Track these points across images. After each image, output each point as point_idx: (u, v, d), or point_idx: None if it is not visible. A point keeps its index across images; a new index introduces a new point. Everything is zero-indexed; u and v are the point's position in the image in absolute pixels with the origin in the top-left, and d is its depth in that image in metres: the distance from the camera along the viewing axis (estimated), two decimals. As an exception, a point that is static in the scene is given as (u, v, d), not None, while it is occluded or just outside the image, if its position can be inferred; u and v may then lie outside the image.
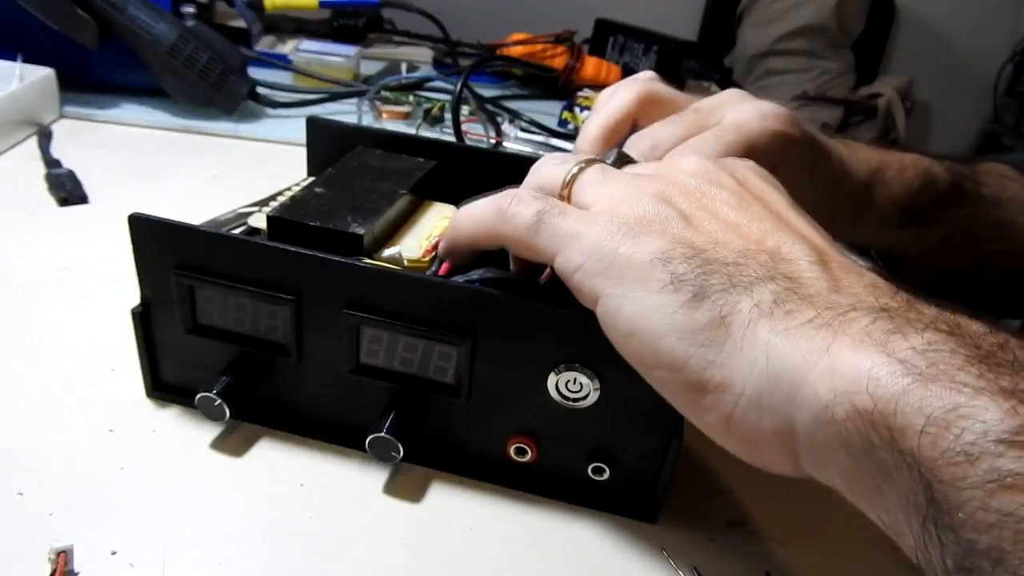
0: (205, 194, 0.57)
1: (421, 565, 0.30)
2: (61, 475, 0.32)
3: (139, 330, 0.35)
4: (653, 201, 0.28)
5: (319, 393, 0.35)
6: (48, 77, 0.64)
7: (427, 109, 0.75)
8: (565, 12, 1.29)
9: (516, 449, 0.33)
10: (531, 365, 0.31)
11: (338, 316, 0.32)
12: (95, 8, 0.63)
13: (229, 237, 0.33)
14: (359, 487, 0.34)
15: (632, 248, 0.27)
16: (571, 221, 0.28)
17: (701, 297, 0.25)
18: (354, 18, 0.99)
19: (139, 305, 0.35)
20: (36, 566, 0.27)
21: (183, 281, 0.33)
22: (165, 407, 0.36)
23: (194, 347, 0.35)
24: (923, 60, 2.37)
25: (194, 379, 0.35)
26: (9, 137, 0.60)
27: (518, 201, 0.29)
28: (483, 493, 0.34)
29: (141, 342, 0.35)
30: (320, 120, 0.47)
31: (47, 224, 0.51)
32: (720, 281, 0.25)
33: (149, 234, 0.33)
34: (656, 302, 0.26)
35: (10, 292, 0.43)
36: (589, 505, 0.34)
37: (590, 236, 0.27)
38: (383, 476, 0.34)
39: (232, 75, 0.68)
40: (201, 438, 0.35)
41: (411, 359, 0.33)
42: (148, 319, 0.35)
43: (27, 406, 0.35)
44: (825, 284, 0.25)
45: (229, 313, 0.34)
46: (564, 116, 0.80)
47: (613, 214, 0.28)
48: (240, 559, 0.30)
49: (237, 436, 0.35)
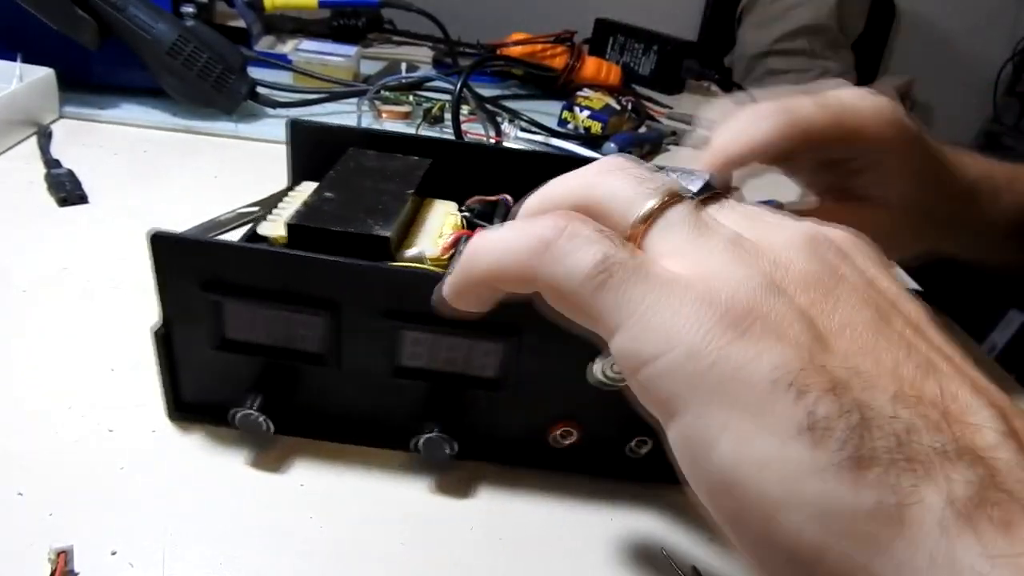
0: (205, 194, 0.57)
1: (421, 565, 0.30)
2: (61, 475, 0.32)
3: (161, 351, 0.34)
4: (764, 283, 0.19)
5: (356, 398, 0.34)
6: (48, 77, 0.64)
7: (427, 109, 0.75)
8: (565, 12, 1.29)
9: (561, 434, 0.34)
10: (575, 354, 0.31)
11: (376, 321, 0.32)
12: (95, 8, 0.63)
13: (259, 250, 0.32)
14: (359, 487, 0.34)
15: (743, 353, 0.18)
16: (650, 284, 0.20)
17: (862, 464, 0.16)
18: (354, 18, 0.98)
19: (160, 326, 0.33)
20: (36, 566, 0.27)
21: (211, 298, 0.32)
22: (164, 407, 0.36)
23: (219, 364, 0.34)
24: (923, 60, 2.37)
25: (218, 397, 0.34)
26: (9, 137, 0.60)
27: (571, 236, 0.20)
28: (482, 494, 0.34)
29: (164, 363, 0.34)
30: (302, 122, 0.46)
31: (47, 224, 0.51)
32: (885, 441, 0.17)
33: (172, 252, 0.31)
34: (784, 454, 0.17)
35: (10, 292, 0.43)
36: (633, 478, 0.34)
37: (679, 313, 0.19)
38: (383, 476, 0.34)
39: (232, 75, 0.68)
40: (201, 439, 0.35)
41: (454, 358, 0.33)
42: (169, 339, 0.33)
43: (27, 406, 0.35)
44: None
45: (259, 326, 0.33)
46: (564, 116, 0.80)
47: (712, 288, 0.19)
48: (240, 559, 0.30)
49: (237, 436, 0.35)
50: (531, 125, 0.76)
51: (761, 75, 2.21)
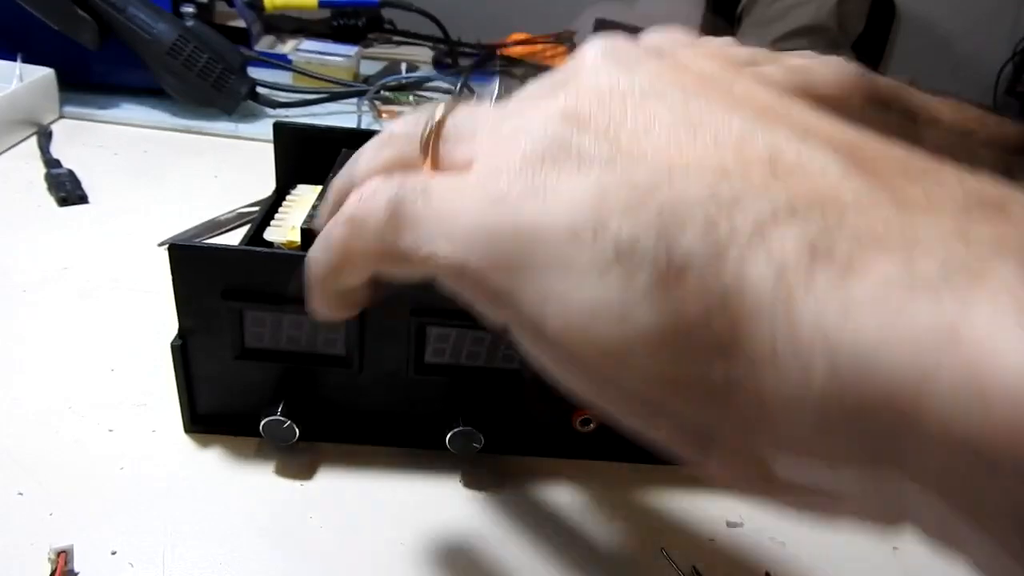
0: (205, 194, 0.57)
1: (421, 565, 0.30)
2: (61, 475, 0.32)
3: (179, 364, 0.33)
4: (552, 123, 0.17)
5: (379, 398, 0.34)
6: (48, 77, 0.64)
7: (427, 109, 0.75)
8: (565, 12, 1.29)
9: (581, 421, 0.35)
10: None
11: (402, 319, 0.32)
12: (95, 8, 0.63)
13: (282, 255, 0.32)
14: (358, 487, 0.34)
15: (536, 211, 0.16)
16: (438, 198, 0.19)
17: (676, 274, 0.14)
18: (354, 18, 0.98)
19: (177, 338, 0.33)
20: (36, 566, 0.27)
21: (233, 306, 0.32)
22: (164, 407, 0.36)
23: (238, 374, 0.33)
24: (923, 60, 2.37)
25: (236, 408, 0.34)
26: (9, 137, 0.60)
27: (366, 197, 0.20)
28: (482, 494, 0.34)
29: (181, 377, 0.33)
30: (287, 123, 0.44)
31: (47, 224, 0.51)
32: (699, 235, 0.14)
33: (191, 262, 0.31)
34: (596, 296, 0.15)
35: (10, 292, 0.43)
36: (652, 462, 0.35)
37: (467, 212, 0.18)
38: (382, 476, 0.34)
39: (232, 75, 0.68)
40: (201, 439, 0.35)
41: (478, 352, 0.33)
42: (186, 351, 0.33)
43: (27, 406, 0.35)
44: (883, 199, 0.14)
45: (283, 333, 0.33)
46: (564, 116, 0.79)
47: (494, 164, 0.18)
48: (240, 559, 0.30)
49: (237, 436, 0.35)
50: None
51: (761, 75, 2.21)
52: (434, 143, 0.20)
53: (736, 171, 0.15)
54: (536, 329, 0.17)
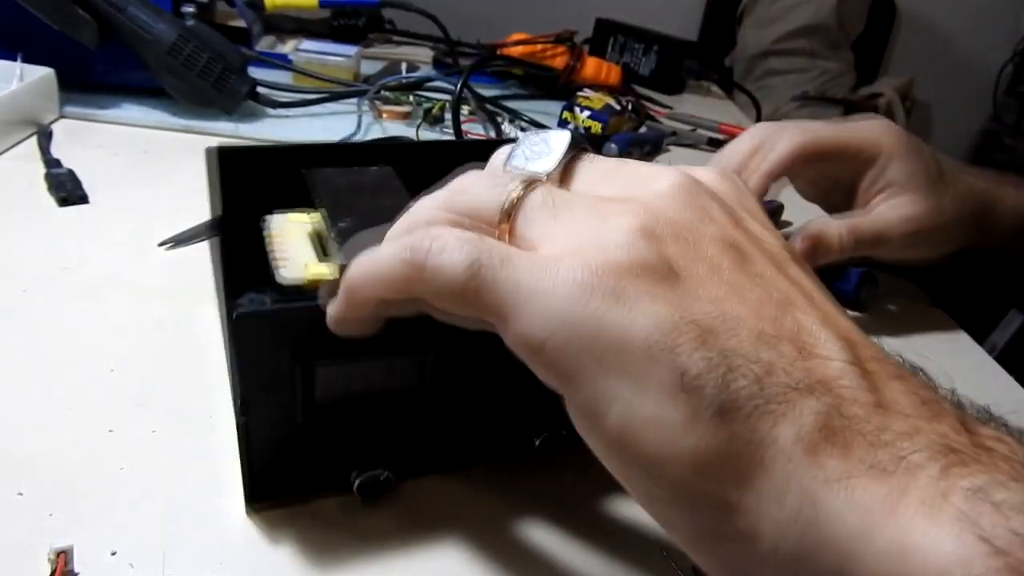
0: (205, 194, 0.57)
1: (421, 564, 0.30)
2: (61, 475, 0.32)
3: (243, 441, 0.30)
4: (635, 237, 0.20)
5: (464, 421, 0.34)
6: (48, 77, 0.64)
7: (427, 109, 0.75)
8: (565, 12, 1.29)
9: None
10: None
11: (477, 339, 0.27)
12: (95, 8, 0.63)
13: None
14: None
15: (620, 318, 0.19)
16: (523, 271, 0.20)
17: (728, 415, 0.18)
18: (354, 18, 0.98)
19: (241, 415, 0.29)
20: (36, 566, 0.27)
21: (306, 366, 0.29)
22: (164, 407, 0.36)
23: (305, 434, 0.31)
24: (923, 60, 2.37)
25: (301, 471, 0.32)
26: (9, 137, 0.60)
27: (440, 246, 0.21)
28: (481, 495, 0.34)
29: (244, 454, 0.30)
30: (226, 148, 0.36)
31: (47, 224, 0.51)
32: (748, 388, 0.18)
33: (261, 330, 0.28)
34: (664, 414, 0.18)
35: (10, 292, 0.43)
36: None
37: (554, 297, 0.20)
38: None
39: (232, 75, 0.68)
40: (200, 439, 0.35)
41: None
42: (246, 423, 0.30)
43: (27, 406, 0.35)
44: (869, 399, 0.19)
45: (355, 383, 0.30)
46: (564, 116, 0.80)
47: (581, 259, 0.20)
48: (240, 559, 0.29)
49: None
50: (531, 125, 0.76)
51: (761, 75, 2.21)
52: (514, 215, 0.22)
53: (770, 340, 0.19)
54: (594, 415, 0.20)
